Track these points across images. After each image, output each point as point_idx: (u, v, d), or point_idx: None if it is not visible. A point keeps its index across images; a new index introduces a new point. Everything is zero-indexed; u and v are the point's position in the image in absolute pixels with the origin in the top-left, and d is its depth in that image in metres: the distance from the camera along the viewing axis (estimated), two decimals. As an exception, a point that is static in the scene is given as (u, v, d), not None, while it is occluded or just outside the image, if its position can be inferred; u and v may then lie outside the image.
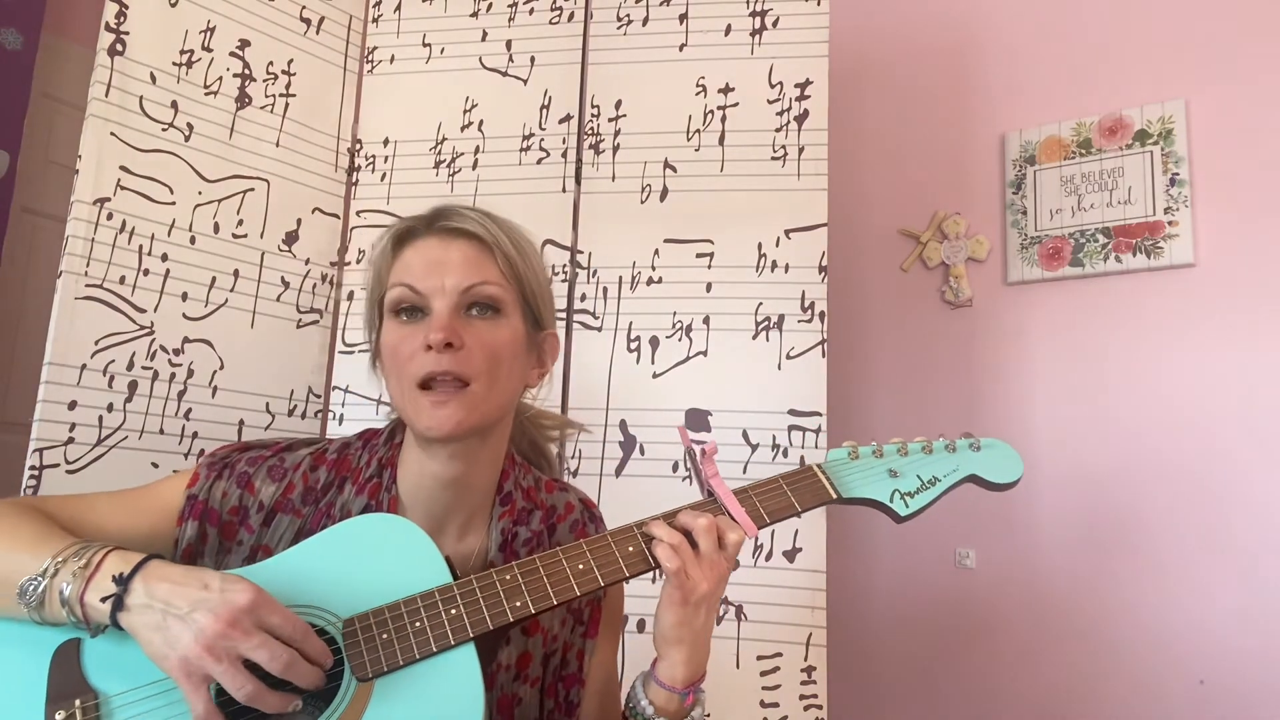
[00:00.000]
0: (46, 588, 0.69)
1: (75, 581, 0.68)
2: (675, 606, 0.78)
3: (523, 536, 0.89)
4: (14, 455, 1.60)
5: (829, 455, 0.89)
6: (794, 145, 1.72)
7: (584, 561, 0.78)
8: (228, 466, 0.85)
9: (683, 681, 0.79)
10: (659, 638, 0.80)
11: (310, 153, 1.79)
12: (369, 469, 0.86)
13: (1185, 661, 1.91)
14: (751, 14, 1.78)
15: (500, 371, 0.81)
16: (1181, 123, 2.04)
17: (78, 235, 1.48)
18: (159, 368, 1.55)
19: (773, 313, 1.68)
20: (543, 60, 1.83)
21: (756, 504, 0.83)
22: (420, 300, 0.80)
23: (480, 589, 0.76)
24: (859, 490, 0.86)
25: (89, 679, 0.70)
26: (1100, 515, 2.06)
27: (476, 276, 0.81)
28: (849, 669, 2.29)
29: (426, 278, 0.80)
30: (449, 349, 0.77)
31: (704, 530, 0.79)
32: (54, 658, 0.71)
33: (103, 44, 1.53)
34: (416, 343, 0.79)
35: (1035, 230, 2.22)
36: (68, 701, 0.69)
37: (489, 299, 0.81)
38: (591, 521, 0.96)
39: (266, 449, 0.87)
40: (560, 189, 1.77)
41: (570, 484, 1.01)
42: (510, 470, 0.91)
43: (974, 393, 2.28)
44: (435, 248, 0.82)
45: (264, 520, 0.83)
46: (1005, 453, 0.89)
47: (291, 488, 0.84)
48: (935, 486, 0.86)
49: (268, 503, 0.83)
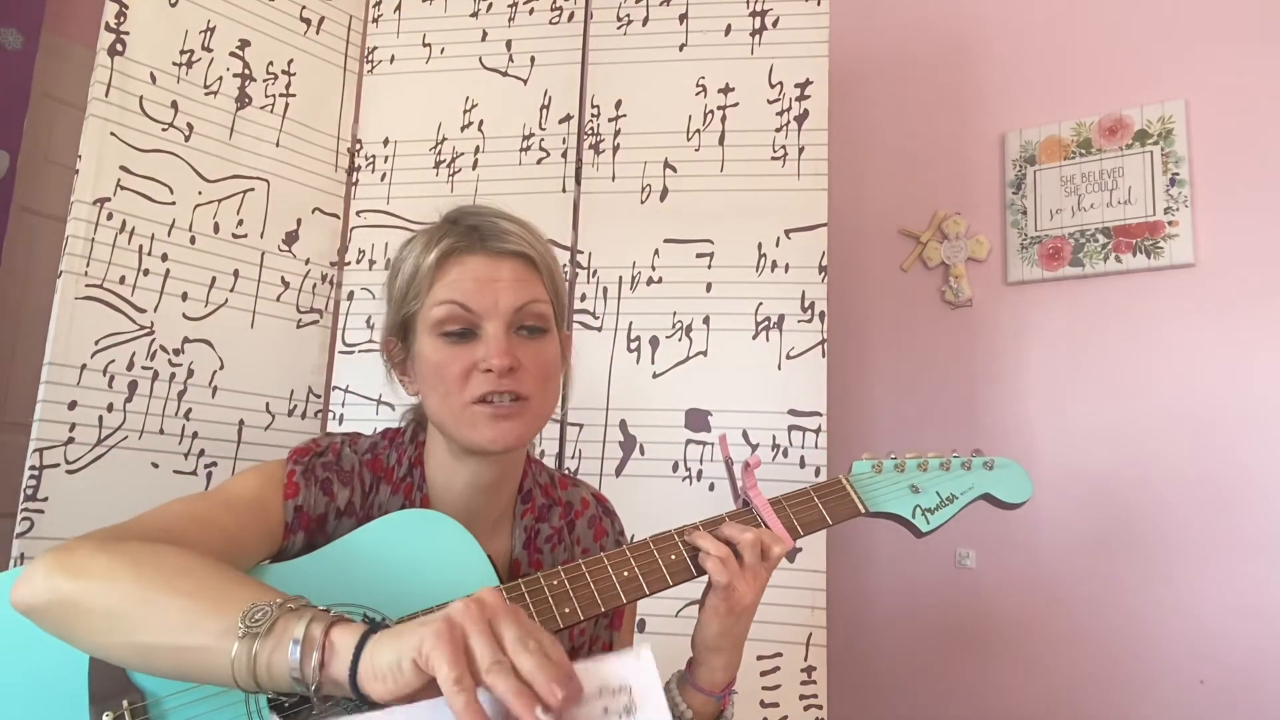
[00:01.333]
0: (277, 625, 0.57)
1: (308, 649, 0.56)
2: (720, 617, 0.80)
3: (545, 533, 0.91)
4: (14, 455, 1.60)
5: (854, 467, 0.91)
6: (794, 145, 1.72)
7: (629, 569, 0.80)
8: (311, 474, 0.84)
9: (721, 685, 0.82)
10: (700, 646, 0.82)
11: (310, 153, 1.79)
12: (401, 468, 0.87)
13: (1185, 661, 1.91)
14: (751, 14, 1.78)
15: (550, 386, 0.84)
16: (1181, 123, 2.04)
17: (78, 235, 1.48)
18: (159, 368, 1.55)
19: (773, 313, 1.68)
20: (543, 60, 1.83)
21: (791, 516, 0.85)
22: (472, 320, 0.80)
23: (529, 594, 0.76)
24: (885, 505, 0.88)
25: (132, 678, 0.69)
26: (1100, 515, 2.06)
27: (527, 296, 0.81)
28: (849, 669, 2.29)
29: (478, 297, 0.80)
30: (510, 372, 0.78)
31: (750, 544, 0.80)
32: (93, 657, 0.69)
33: (103, 44, 1.53)
34: (468, 363, 0.79)
35: (1035, 230, 2.22)
36: (113, 701, 0.67)
37: (539, 318, 0.82)
38: (607, 515, 0.98)
39: (326, 451, 0.86)
40: (560, 189, 1.77)
41: (579, 479, 1.02)
42: (529, 469, 0.93)
43: (974, 392, 2.28)
44: (485, 266, 0.81)
45: (338, 523, 0.83)
46: (1016, 474, 0.92)
47: (355, 490, 0.85)
48: (954, 504, 0.89)
49: (342, 507, 0.84)
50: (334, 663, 0.55)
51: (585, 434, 1.68)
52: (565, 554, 0.91)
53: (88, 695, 0.68)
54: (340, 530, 0.82)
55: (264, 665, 0.56)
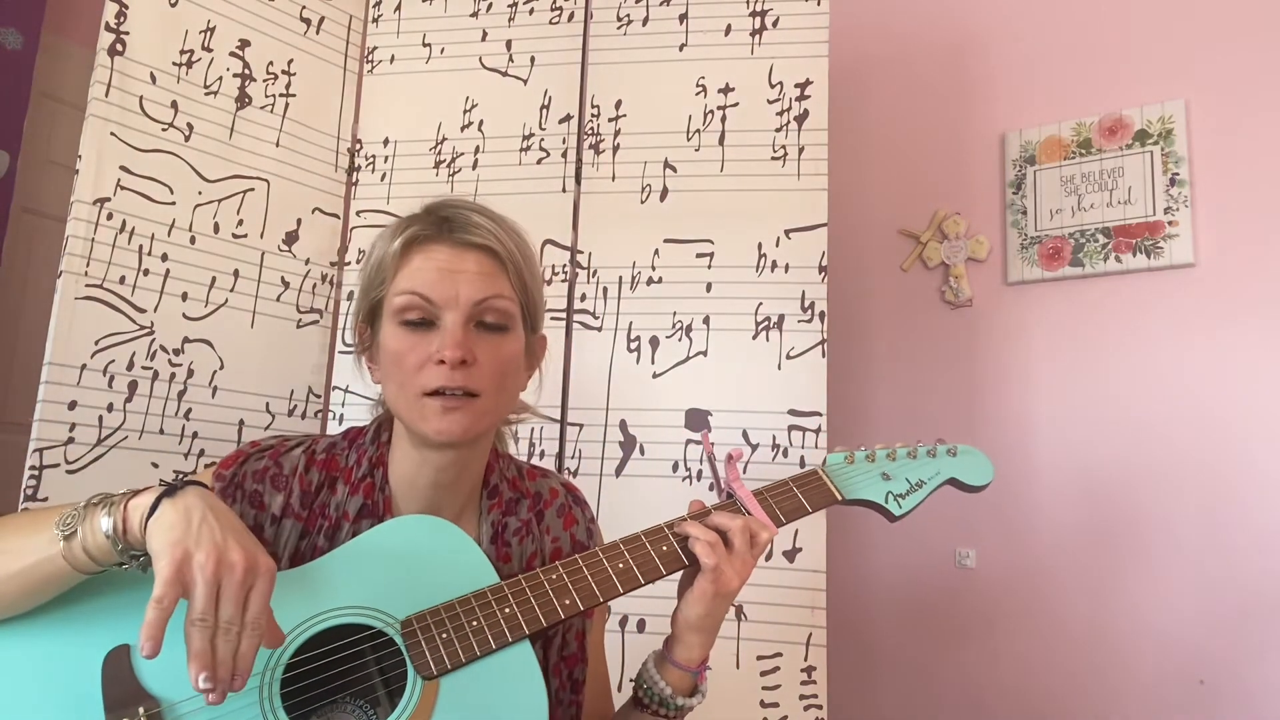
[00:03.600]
0: (86, 514, 0.67)
1: (115, 507, 0.67)
2: (707, 600, 0.82)
3: (512, 527, 0.91)
4: (14, 455, 1.60)
5: (828, 459, 0.95)
6: (794, 145, 1.72)
7: (623, 561, 0.83)
8: (238, 488, 0.84)
9: (698, 663, 0.86)
10: (682, 625, 0.85)
11: (310, 153, 1.79)
12: (360, 468, 0.87)
13: (1185, 661, 1.91)
14: (751, 14, 1.78)
15: (506, 383, 0.84)
16: (1181, 123, 2.04)
17: (78, 235, 1.48)
18: (159, 368, 1.55)
19: (773, 313, 1.68)
20: (543, 60, 1.83)
21: (773, 506, 0.89)
22: (431, 311, 0.80)
23: (530, 588, 0.79)
24: (859, 492, 0.93)
25: (146, 685, 0.69)
26: (1100, 514, 2.06)
27: (489, 290, 0.81)
28: (849, 669, 2.29)
29: (439, 288, 0.80)
30: (462, 365, 0.78)
31: (739, 530, 0.83)
32: (105, 664, 0.69)
33: (103, 44, 1.54)
34: (424, 353, 0.79)
35: (1035, 230, 2.22)
36: (129, 709, 0.67)
37: (500, 314, 0.82)
38: (577, 504, 0.98)
39: (264, 454, 0.87)
40: (560, 189, 1.77)
41: (549, 469, 1.03)
42: (495, 463, 0.93)
43: (974, 392, 2.28)
44: (449, 257, 0.81)
45: (275, 529, 0.83)
46: (978, 459, 0.98)
47: (291, 493, 0.84)
48: (922, 489, 0.94)
49: (278, 513, 0.83)
50: (133, 517, 0.66)
51: (585, 434, 1.68)
52: (534, 546, 0.91)
53: (101, 703, 0.67)
54: (281, 534, 0.82)
55: (89, 546, 0.66)
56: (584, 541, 0.96)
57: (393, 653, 0.76)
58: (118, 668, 0.69)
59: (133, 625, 0.70)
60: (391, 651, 0.76)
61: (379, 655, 0.78)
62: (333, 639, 0.74)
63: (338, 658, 0.75)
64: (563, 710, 0.90)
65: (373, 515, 0.85)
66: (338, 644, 0.74)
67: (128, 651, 0.70)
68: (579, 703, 0.92)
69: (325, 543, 0.83)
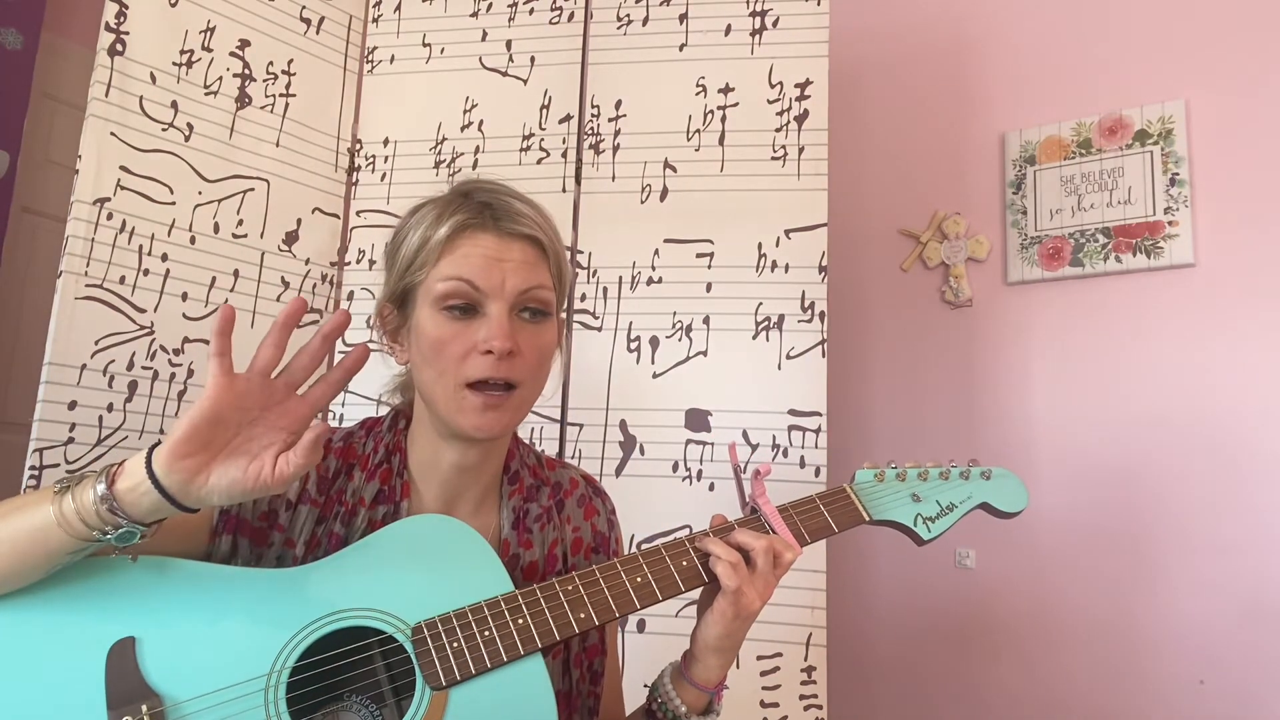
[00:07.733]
0: (84, 477, 0.68)
1: (113, 467, 0.67)
2: (726, 621, 0.81)
3: (534, 513, 0.91)
4: (14, 455, 1.60)
5: (857, 476, 0.93)
6: (794, 145, 1.72)
7: (641, 575, 0.81)
8: None
9: (715, 683, 0.84)
10: (701, 646, 0.83)
11: (310, 153, 1.79)
12: (377, 455, 0.87)
13: (1185, 661, 1.91)
14: (751, 14, 1.78)
15: (542, 373, 0.84)
16: (1181, 123, 2.04)
17: (78, 235, 1.48)
18: (159, 368, 1.55)
19: (773, 313, 1.68)
20: (543, 60, 1.83)
21: (798, 524, 0.87)
22: (477, 298, 0.80)
23: (544, 599, 0.77)
24: (888, 514, 0.90)
25: (149, 682, 0.69)
26: (1100, 515, 2.06)
27: (534, 280, 0.81)
28: (849, 669, 2.29)
29: (485, 276, 0.79)
30: (509, 356, 0.78)
31: (763, 550, 0.81)
32: (109, 659, 0.69)
33: (103, 44, 1.53)
34: (468, 342, 0.79)
35: (1035, 230, 2.22)
36: (132, 706, 0.67)
37: (542, 303, 0.82)
38: (597, 495, 0.98)
39: None
40: (560, 189, 1.77)
41: (567, 462, 1.02)
42: (515, 450, 0.93)
43: (974, 393, 2.28)
44: (495, 245, 0.81)
45: (291, 515, 0.83)
46: (1013, 484, 0.94)
47: (308, 478, 0.84)
48: (953, 513, 0.91)
49: (294, 498, 0.83)
50: (123, 478, 0.66)
51: (585, 434, 1.68)
52: (555, 533, 0.91)
53: (105, 700, 0.67)
54: (297, 520, 0.82)
55: (83, 511, 0.65)
56: (604, 532, 0.96)
57: (401, 655, 0.75)
58: (121, 661, 0.69)
59: (137, 619, 0.71)
60: (399, 653, 0.75)
61: (386, 657, 0.77)
62: (342, 641, 0.74)
63: (345, 662, 0.74)
64: (582, 701, 0.90)
65: (389, 501, 0.85)
66: (346, 648, 0.74)
67: (132, 646, 0.70)
68: (597, 694, 0.92)
69: (341, 528, 0.82)
